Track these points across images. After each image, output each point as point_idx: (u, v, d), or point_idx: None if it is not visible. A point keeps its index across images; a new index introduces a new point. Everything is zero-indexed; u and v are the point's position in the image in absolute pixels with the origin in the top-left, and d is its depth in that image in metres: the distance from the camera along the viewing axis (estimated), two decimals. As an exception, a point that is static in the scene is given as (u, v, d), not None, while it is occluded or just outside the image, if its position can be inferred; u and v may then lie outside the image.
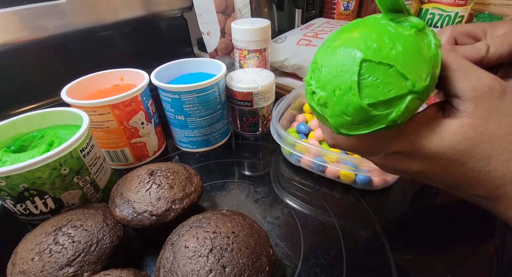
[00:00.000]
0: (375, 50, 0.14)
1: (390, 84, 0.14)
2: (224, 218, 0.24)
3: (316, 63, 0.17)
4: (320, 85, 0.16)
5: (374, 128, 0.15)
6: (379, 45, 0.14)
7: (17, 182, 0.24)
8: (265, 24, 0.42)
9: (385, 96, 0.14)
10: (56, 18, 0.43)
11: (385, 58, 0.14)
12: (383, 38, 0.14)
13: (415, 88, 0.14)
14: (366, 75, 0.14)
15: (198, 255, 0.21)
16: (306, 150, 0.33)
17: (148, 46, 0.59)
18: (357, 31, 0.15)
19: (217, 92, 0.38)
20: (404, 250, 0.28)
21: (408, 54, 0.14)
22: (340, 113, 0.16)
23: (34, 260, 0.22)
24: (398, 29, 0.15)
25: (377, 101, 0.14)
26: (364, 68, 0.14)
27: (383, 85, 0.14)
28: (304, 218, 0.31)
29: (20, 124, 0.30)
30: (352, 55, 0.15)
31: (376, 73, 0.14)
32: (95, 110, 0.33)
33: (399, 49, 0.14)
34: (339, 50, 0.15)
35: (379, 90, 0.14)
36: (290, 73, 0.56)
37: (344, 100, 0.15)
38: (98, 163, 0.30)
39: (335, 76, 0.15)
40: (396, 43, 0.14)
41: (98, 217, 0.25)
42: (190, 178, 0.29)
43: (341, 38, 0.16)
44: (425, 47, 0.15)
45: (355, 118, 0.15)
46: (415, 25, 0.15)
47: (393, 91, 0.14)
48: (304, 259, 0.27)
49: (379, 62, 0.14)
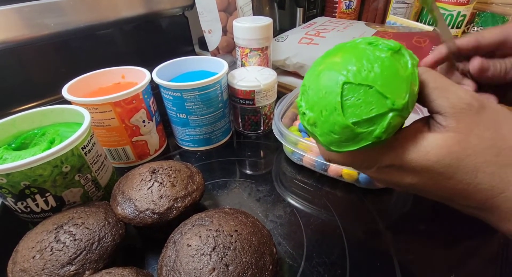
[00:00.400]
0: (355, 73, 0.16)
1: (371, 103, 0.15)
2: (226, 217, 0.24)
3: (304, 86, 0.18)
4: (309, 106, 0.17)
5: (361, 144, 0.16)
6: (358, 68, 0.16)
7: (18, 179, 0.24)
8: (267, 22, 0.42)
9: (367, 115, 0.15)
10: (57, 16, 0.43)
11: (364, 80, 0.15)
12: (362, 61, 0.16)
13: (395, 105, 0.15)
14: (349, 96, 0.16)
15: (201, 254, 0.20)
16: (309, 148, 0.33)
17: (149, 45, 0.59)
18: (339, 55, 0.17)
19: (219, 90, 0.38)
20: (407, 249, 0.27)
21: (385, 74, 0.15)
22: (329, 132, 0.17)
23: (35, 258, 0.21)
24: (375, 52, 0.16)
25: (361, 120, 0.16)
26: (346, 90, 0.16)
27: (365, 105, 0.15)
28: (306, 217, 0.31)
29: (21, 121, 0.30)
30: (334, 78, 0.16)
31: (357, 94, 0.15)
32: (97, 108, 0.32)
33: (377, 71, 0.15)
34: (323, 74, 0.17)
35: (361, 109, 0.15)
36: (291, 72, 0.56)
37: (331, 120, 0.16)
38: (100, 161, 0.30)
39: (320, 98, 0.16)
40: (374, 65, 0.15)
41: (99, 215, 0.25)
42: (192, 177, 0.29)
43: (324, 62, 0.17)
44: (402, 67, 0.16)
45: (342, 136, 0.16)
46: (391, 48, 0.16)
47: (375, 109, 0.15)
48: (307, 258, 0.27)
49: (359, 84, 0.15)
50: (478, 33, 0.21)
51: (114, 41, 0.53)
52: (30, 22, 0.41)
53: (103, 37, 0.51)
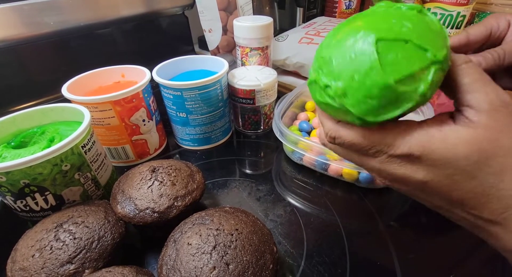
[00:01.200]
0: (386, 30, 0.14)
1: (411, 57, 0.14)
2: (227, 215, 0.24)
3: (323, 58, 0.16)
4: (334, 76, 0.15)
5: (404, 107, 0.15)
6: (388, 25, 0.14)
7: (18, 178, 0.24)
8: (267, 21, 0.42)
9: (409, 70, 0.14)
10: (57, 14, 0.43)
11: (399, 35, 0.14)
12: (389, 20, 0.15)
13: (437, 57, 0.14)
14: (384, 53, 0.14)
15: (201, 252, 0.20)
16: (309, 147, 0.33)
17: (149, 44, 0.58)
18: (360, 21, 0.15)
19: (219, 90, 0.38)
20: (407, 249, 0.27)
21: (418, 29, 0.14)
22: (364, 99, 0.15)
23: (34, 257, 0.21)
24: (400, 11, 0.15)
25: (403, 76, 0.14)
26: (380, 48, 0.14)
27: (405, 60, 0.14)
28: (306, 216, 0.31)
29: (20, 120, 0.29)
30: (364, 38, 0.14)
31: (393, 50, 0.14)
32: (96, 107, 0.32)
33: (409, 26, 0.14)
34: (347, 39, 0.15)
35: (401, 65, 0.14)
36: (291, 71, 0.56)
37: (367, 83, 0.14)
38: (99, 160, 0.30)
39: (349, 62, 0.15)
40: (403, 21, 0.14)
41: (99, 214, 0.25)
42: (192, 176, 0.29)
43: (342, 31, 0.16)
44: (431, 23, 0.15)
45: (381, 100, 0.15)
46: (413, 7, 0.15)
47: (417, 64, 0.14)
48: (307, 257, 0.27)
49: (393, 39, 0.14)
50: (465, 30, 0.20)
51: (114, 40, 0.53)
52: (30, 21, 0.41)
53: (103, 36, 0.51)
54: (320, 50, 0.17)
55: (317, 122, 0.40)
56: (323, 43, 0.17)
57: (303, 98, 0.44)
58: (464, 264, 0.26)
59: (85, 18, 0.46)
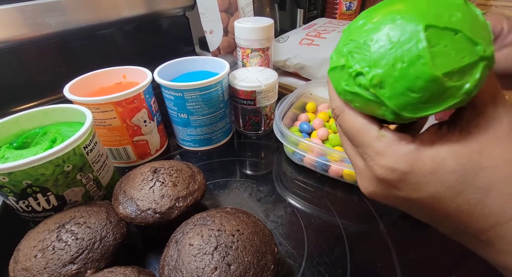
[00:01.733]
0: (433, 17, 0.13)
1: (462, 50, 0.12)
2: (228, 216, 0.24)
3: (354, 42, 0.14)
4: (370, 63, 0.14)
5: (445, 105, 0.13)
6: (435, 12, 0.13)
7: (20, 178, 0.24)
8: (268, 23, 0.42)
9: (459, 64, 0.12)
10: (58, 15, 0.43)
11: (449, 24, 0.12)
12: (435, 7, 0.13)
13: (486, 53, 0.13)
14: (433, 42, 0.12)
15: (203, 253, 0.21)
16: (310, 149, 0.33)
17: (149, 45, 0.59)
18: (399, 4, 0.14)
19: (220, 91, 0.38)
20: (407, 250, 0.28)
21: (468, 20, 0.13)
22: (405, 91, 0.13)
23: (37, 257, 0.21)
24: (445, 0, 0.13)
25: (452, 70, 0.12)
26: (428, 36, 0.12)
27: (454, 52, 0.12)
28: (307, 217, 0.31)
29: (23, 120, 0.30)
30: (411, 22, 0.13)
31: (443, 39, 0.12)
32: (98, 107, 0.32)
33: (459, 15, 0.13)
34: (387, 22, 0.13)
35: (451, 57, 0.12)
36: (292, 72, 0.56)
37: (411, 73, 0.13)
38: (101, 161, 0.30)
39: (391, 48, 0.13)
40: (451, 10, 0.13)
41: (101, 214, 0.25)
42: (193, 176, 0.29)
43: (380, 13, 0.14)
44: (477, 15, 0.13)
45: (424, 93, 0.13)
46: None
47: (466, 58, 0.12)
48: (308, 258, 0.27)
49: (444, 28, 0.12)
50: None
51: (115, 41, 0.53)
52: (32, 21, 0.41)
53: (104, 36, 0.51)
54: (350, 33, 0.15)
55: (317, 123, 0.40)
56: (354, 25, 0.15)
57: (304, 99, 0.44)
58: (464, 265, 0.26)
59: (86, 19, 0.46)
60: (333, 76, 0.16)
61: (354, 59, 0.14)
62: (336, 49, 0.16)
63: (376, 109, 0.15)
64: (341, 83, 0.16)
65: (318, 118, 0.41)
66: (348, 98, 0.16)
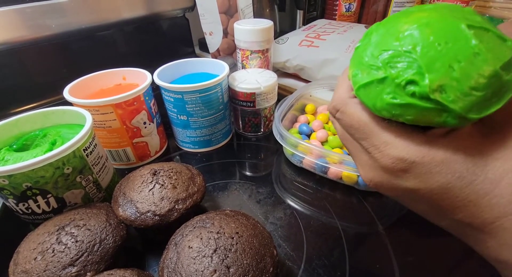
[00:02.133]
0: (465, 19, 0.13)
1: (499, 46, 0.13)
2: (227, 219, 0.24)
3: (393, 51, 0.14)
4: (421, 69, 0.13)
5: (505, 99, 0.13)
6: (463, 16, 0.13)
7: (20, 181, 0.24)
8: (268, 24, 0.42)
9: (506, 58, 0.13)
10: (58, 17, 0.43)
11: (480, 23, 0.13)
12: (458, 13, 0.14)
13: None
14: (480, 39, 0.13)
15: (202, 256, 0.21)
16: (309, 151, 0.33)
17: (149, 46, 0.59)
18: (424, 13, 0.14)
19: (220, 93, 0.38)
20: (406, 252, 0.28)
21: (487, 21, 0.14)
22: (469, 90, 0.13)
23: (37, 260, 0.22)
24: (456, 7, 0.14)
25: (503, 64, 0.13)
26: (474, 34, 0.13)
27: (496, 47, 0.13)
28: (306, 219, 0.31)
29: (23, 122, 0.30)
30: (451, 24, 0.13)
31: (484, 37, 0.13)
32: (98, 109, 0.32)
33: (479, 18, 0.13)
34: (423, 27, 0.13)
35: (496, 52, 0.13)
36: (291, 73, 0.56)
37: (472, 71, 0.13)
38: (101, 163, 0.30)
39: (441, 50, 0.13)
40: (471, 15, 0.14)
41: (101, 216, 0.25)
42: (193, 178, 0.29)
43: (405, 22, 0.14)
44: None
45: (488, 90, 0.13)
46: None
47: (507, 52, 0.13)
48: (307, 260, 0.27)
49: (479, 27, 0.13)
50: None
51: (114, 42, 0.53)
52: (32, 23, 0.41)
53: (104, 38, 0.51)
54: (376, 45, 0.15)
55: (317, 125, 0.40)
56: (375, 38, 0.15)
57: (303, 100, 0.44)
58: (463, 267, 0.27)
59: (86, 21, 0.47)
60: (367, 93, 0.15)
61: (398, 68, 0.14)
62: (357, 65, 0.16)
63: (435, 116, 0.14)
64: (383, 98, 0.15)
65: (318, 120, 0.41)
66: (395, 113, 0.15)
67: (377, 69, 0.15)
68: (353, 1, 0.67)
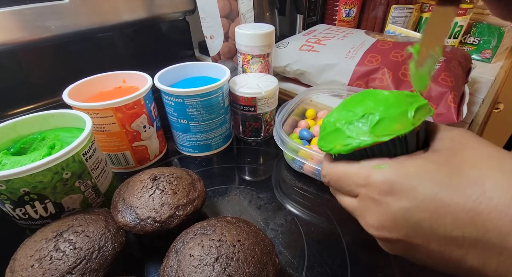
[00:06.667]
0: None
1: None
2: (229, 226, 0.23)
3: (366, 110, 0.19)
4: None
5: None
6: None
7: (18, 186, 0.23)
8: (269, 29, 0.42)
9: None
10: (58, 19, 0.43)
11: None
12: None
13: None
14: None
15: (203, 264, 0.20)
16: (310, 156, 0.33)
17: (149, 48, 0.58)
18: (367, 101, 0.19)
19: (221, 97, 0.38)
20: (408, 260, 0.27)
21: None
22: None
23: (34, 267, 0.21)
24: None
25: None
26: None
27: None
28: (307, 225, 0.31)
29: (21, 126, 0.29)
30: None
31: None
32: (98, 113, 0.32)
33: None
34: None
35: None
36: (292, 78, 0.56)
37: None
38: (100, 167, 0.29)
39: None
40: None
41: (100, 222, 0.25)
42: (193, 184, 0.29)
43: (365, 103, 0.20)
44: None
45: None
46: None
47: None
48: (308, 268, 0.27)
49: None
50: None
51: (114, 44, 0.53)
52: (31, 24, 0.41)
53: (104, 40, 0.51)
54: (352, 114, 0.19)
55: (317, 130, 0.40)
56: (344, 113, 0.20)
57: (304, 105, 0.44)
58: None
59: (86, 23, 0.46)
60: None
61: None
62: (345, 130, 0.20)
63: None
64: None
65: (318, 125, 0.41)
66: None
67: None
68: (353, 7, 0.68)
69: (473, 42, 0.64)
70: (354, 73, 0.47)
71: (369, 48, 0.48)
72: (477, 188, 0.14)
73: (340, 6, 0.67)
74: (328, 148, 0.20)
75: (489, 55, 0.63)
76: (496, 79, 0.57)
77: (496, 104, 0.63)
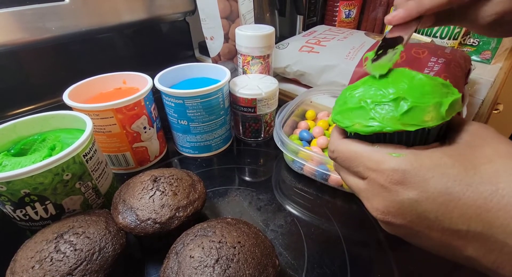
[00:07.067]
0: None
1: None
2: (229, 227, 0.24)
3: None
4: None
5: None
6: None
7: (18, 187, 0.23)
8: (269, 30, 0.42)
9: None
10: (58, 19, 0.43)
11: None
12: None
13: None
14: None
15: (204, 266, 0.20)
16: (309, 157, 0.33)
17: (149, 49, 0.58)
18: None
19: (221, 98, 0.38)
20: (407, 260, 0.28)
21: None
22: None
23: (34, 269, 0.21)
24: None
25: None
26: None
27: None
28: (307, 226, 0.31)
29: (21, 127, 0.29)
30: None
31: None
32: (98, 114, 0.32)
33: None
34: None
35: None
36: (292, 79, 0.56)
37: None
38: (100, 168, 0.29)
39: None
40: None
41: (100, 224, 0.25)
42: (193, 185, 0.29)
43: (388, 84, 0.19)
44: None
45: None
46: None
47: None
48: (308, 269, 0.27)
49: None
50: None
51: (114, 45, 0.53)
52: (31, 25, 0.41)
53: (104, 41, 0.51)
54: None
55: (317, 131, 0.40)
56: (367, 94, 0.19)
57: (304, 107, 0.44)
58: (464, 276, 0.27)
59: (86, 24, 0.46)
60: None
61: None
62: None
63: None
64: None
65: (318, 126, 0.41)
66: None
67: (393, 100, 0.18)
68: (353, 8, 0.68)
69: (473, 43, 0.64)
70: (354, 74, 0.47)
71: (369, 49, 0.49)
72: (490, 186, 0.14)
73: (340, 7, 0.68)
74: (345, 125, 0.19)
75: (488, 56, 0.63)
76: (496, 80, 0.57)
77: (496, 105, 0.63)
